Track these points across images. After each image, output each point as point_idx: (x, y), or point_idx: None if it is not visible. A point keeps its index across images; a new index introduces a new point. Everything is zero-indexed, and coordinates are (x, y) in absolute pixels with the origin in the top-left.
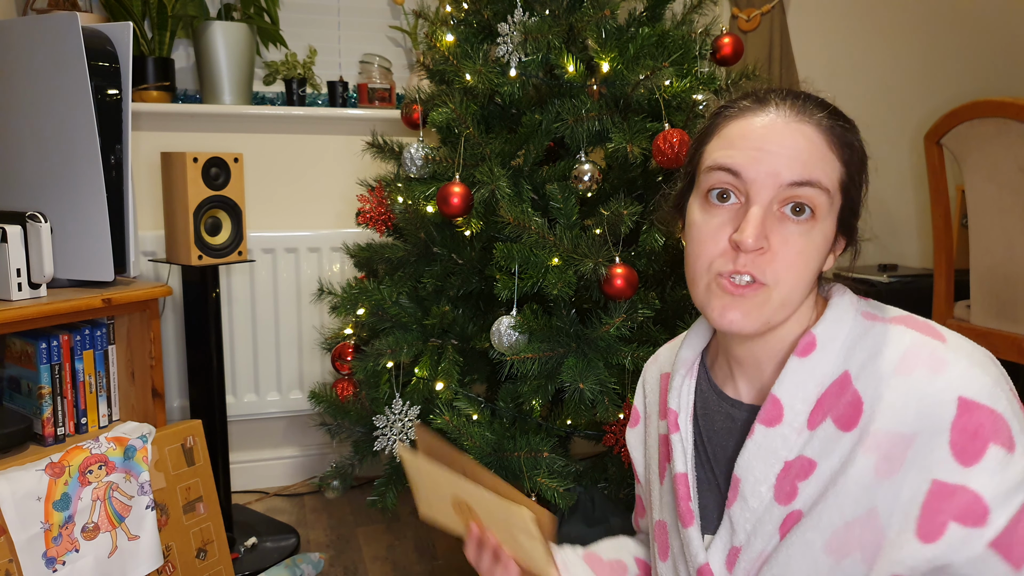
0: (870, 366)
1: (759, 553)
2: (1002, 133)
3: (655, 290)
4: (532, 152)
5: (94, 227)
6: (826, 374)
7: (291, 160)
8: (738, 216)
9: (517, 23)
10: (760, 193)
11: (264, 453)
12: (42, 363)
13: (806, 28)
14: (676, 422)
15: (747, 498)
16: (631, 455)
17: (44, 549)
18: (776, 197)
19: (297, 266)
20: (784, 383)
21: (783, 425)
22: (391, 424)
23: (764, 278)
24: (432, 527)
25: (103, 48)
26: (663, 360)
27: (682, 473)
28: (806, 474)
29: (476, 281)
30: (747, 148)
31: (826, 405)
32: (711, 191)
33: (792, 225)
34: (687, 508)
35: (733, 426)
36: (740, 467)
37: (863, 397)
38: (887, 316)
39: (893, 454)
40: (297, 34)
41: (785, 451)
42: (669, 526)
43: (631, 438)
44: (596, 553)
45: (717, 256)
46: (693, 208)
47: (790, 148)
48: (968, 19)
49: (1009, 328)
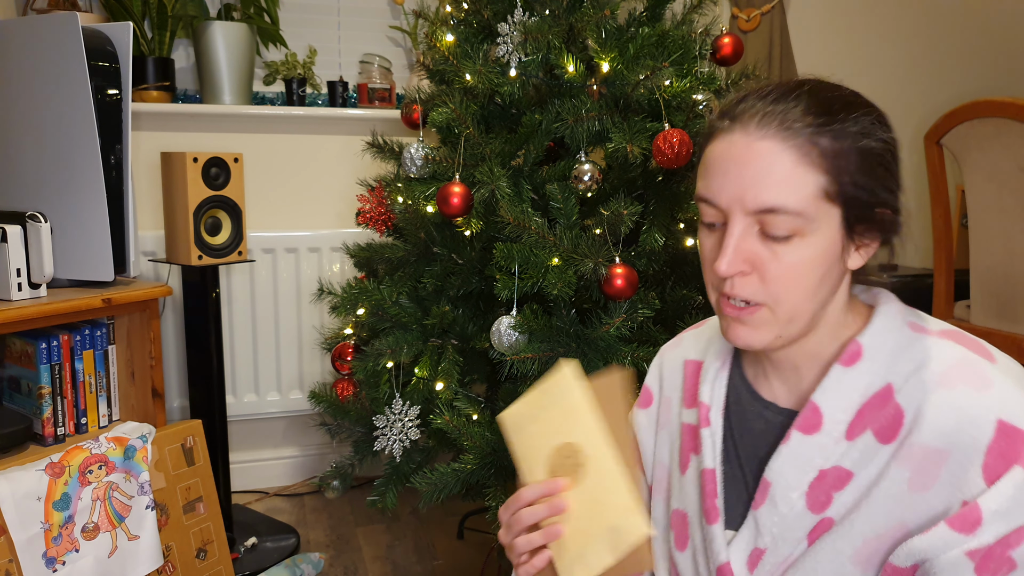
0: (914, 379)
1: (785, 558)
2: (1002, 133)
3: (655, 290)
4: (532, 152)
5: (94, 227)
6: (869, 384)
7: (291, 160)
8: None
9: (517, 23)
10: (734, 220)
11: (264, 453)
12: (42, 363)
13: (806, 28)
14: (708, 416)
15: (777, 503)
16: (637, 436)
17: (44, 549)
18: (750, 220)
19: (297, 266)
20: (826, 392)
21: (821, 434)
22: (391, 424)
23: (758, 299)
24: (432, 527)
25: (103, 48)
26: (688, 346)
27: (710, 469)
28: (842, 484)
29: (476, 281)
30: (715, 176)
31: (867, 416)
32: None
33: (775, 244)
34: (712, 505)
35: (767, 427)
36: (772, 471)
37: (904, 410)
38: (935, 329)
39: (927, 469)
40: (297, 34)
41: (821, 460)
42: (691, 518)
43: (640, 419)
44: None
45: (715, 278)
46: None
47: (750, 173)
48: (968, 19)
49: (1009, 328)
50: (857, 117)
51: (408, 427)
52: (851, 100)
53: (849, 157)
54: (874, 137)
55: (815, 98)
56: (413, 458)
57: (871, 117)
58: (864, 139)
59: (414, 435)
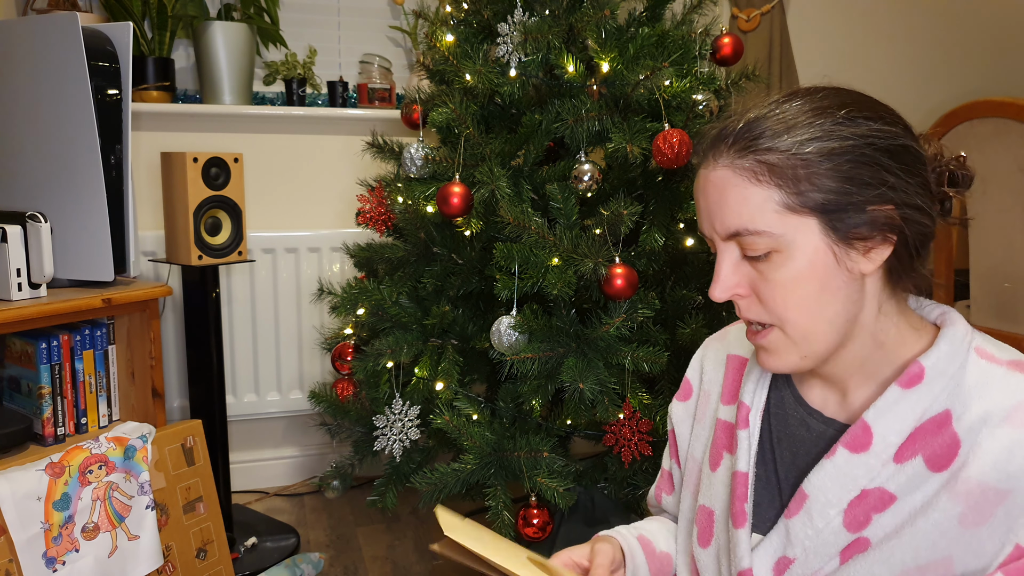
0: (977, 410)
1: (814, 571)
2: (1001, 133)
3: (655, 290)
4: (532, 152)
5: (94, 227)
6: (927, 409)
7: (291, 160)
8: None
9: (517, 23)
10: (718, 247)
11: (264, 453)
12: (42, 363)
13: (806, 28)
14: (747, 418)
15: (813, 516)
16: (675, 428)
17: (44, 549)
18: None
19: (297, 266)
20: (880, 411)
21: (869, 454)
22: (391, 424)
23: (764, 319)
24: (432, 527)
25: (103, 48)
26: (733, 340)
27: (743, 472)
28: (884, 507)
29: (476, 281)
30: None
31: (919, 441)
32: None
33: (760, 264)
34: (741, 509)
35: (809, 436)
36: (812, 484)
37: (962, 441)
38: (1005, 359)
39: (982, 507)
40: (297, 34)
41: (866, 480)
42: (717, 516)
43: (678, 411)
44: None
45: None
46: None
47: (712, 202)
48: (968, 19)
49: (1009, 328)
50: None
51: (408, 427)
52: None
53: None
54: (836, 137)
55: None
56: (413, 458)
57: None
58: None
59: (414, 435)
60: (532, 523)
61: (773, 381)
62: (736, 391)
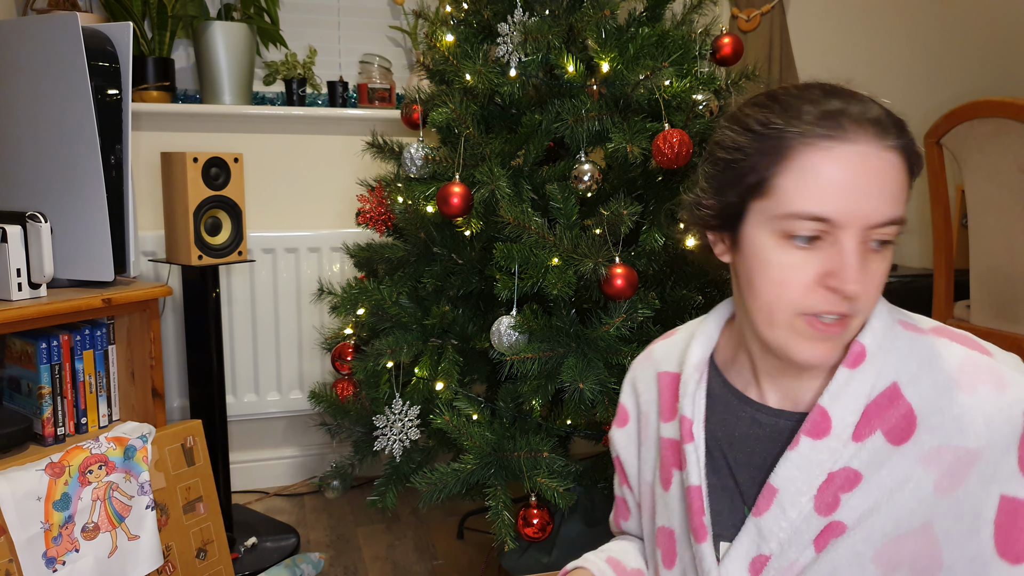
0: (924, 379)
1: (791, 563)
2: (1002, 133)
3: (655, 290)
4: (532, 152)
5: (94, 227)
6: (874, 385)
7: (291, 160)
8: (828, 256)
9: (517, 23)
10: (851, 236)
11: (264, 453)
12: (42, 363)
13: (806, 28)
14: (691, 431)
15: (786, 508)
16: (619, 455)
17: (44, 549)
18: (864, 236)
19: (297, 266)
20: (833, 395)
21: (831, 438)
22: (391, 424)
23: (854, 311)
24: (432, 527)
25: (103, 48)
26: (659, 358)
27: (696, 486)
28: (851, 486)
29: (476, 281)
30: (837, 193)
31: (874, 416)
32: (795, 236)
33: (874, 256)
34: (700, 523)
35: (760, 432)
36: (780, 478)
37: (916, 411)
38: (925, 327)
39: (956, 469)
40: (297, 34)
41: (830, 463)
42: (678, 535)
43: (619, 438)
44: (621, 561)
45: (803, 296)
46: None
47: (878, 188)
48: (968, 19)
49: (1009, 328)
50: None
51: (408, 427)
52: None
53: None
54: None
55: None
56: (413, 458)
57: None
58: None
59: (414, 435)
60: (532, 523)
61: (710, 389)
62: (673, 407)
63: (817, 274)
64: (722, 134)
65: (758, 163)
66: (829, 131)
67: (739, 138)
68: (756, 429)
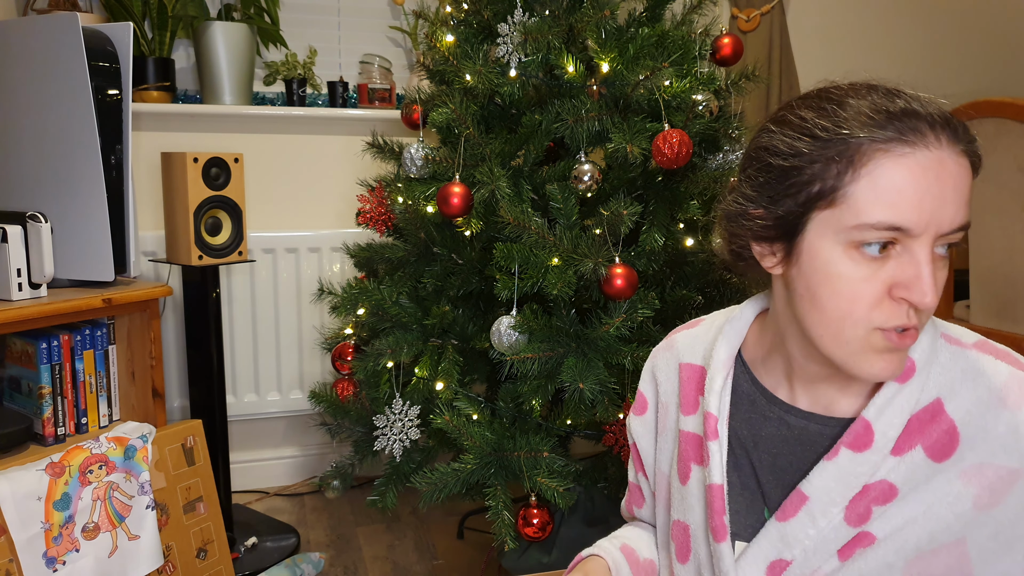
0: (967, 396)
1: (813, 571)
2: (1002, 133)
3: (655, 290)
4: (532, 152)
5: (94, 227)
6: (918, 400)
7: (291, 160)
8: (899, 266)
9: (517, 23)
10: (924, 243)
11: (264, 453)
12: (42, 363)
13: (806, 28)
14: (716, 428)
15: (816, 518)
16: (636, 442)
17: (44, 549)
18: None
19: (297, 266)
20: (879, 408)
21: (872, 451)
22: (391, 424)
23: (920, 323)
24: (432, 527)
25: (103, 48)
26: (682, 349)
27: (718, 484)
28: (886, 499)
29: (476, 281)
30: (913, 200)
31: (915, 431)
32: (866, 243)
33: (939, 261)
34: (721, 523)
35: (788, 433)
36: (813, 487)
37: (959, 428)
38: (968, 341)
39: (997, 488)
40: (297, 34)
41: (867, 476)
42: (693, 530)
43: (637, 426)
44: (635, 551)
45: (876, 311)
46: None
47: (953, 194)
48: (968, 18)
49: (1009, 328)
50: None
51: (408, 427)
52: None
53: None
54: None
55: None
56: (413, 458)
57: None
58: None
59: (414, 435)
60: (532, 523)
61: (737, 387)
62: (695, 401)
63: (887, 286)
64: (774, 139)
65: (824, 171)
66: (903, 135)
67: (797, 144)
68: (784, 430)
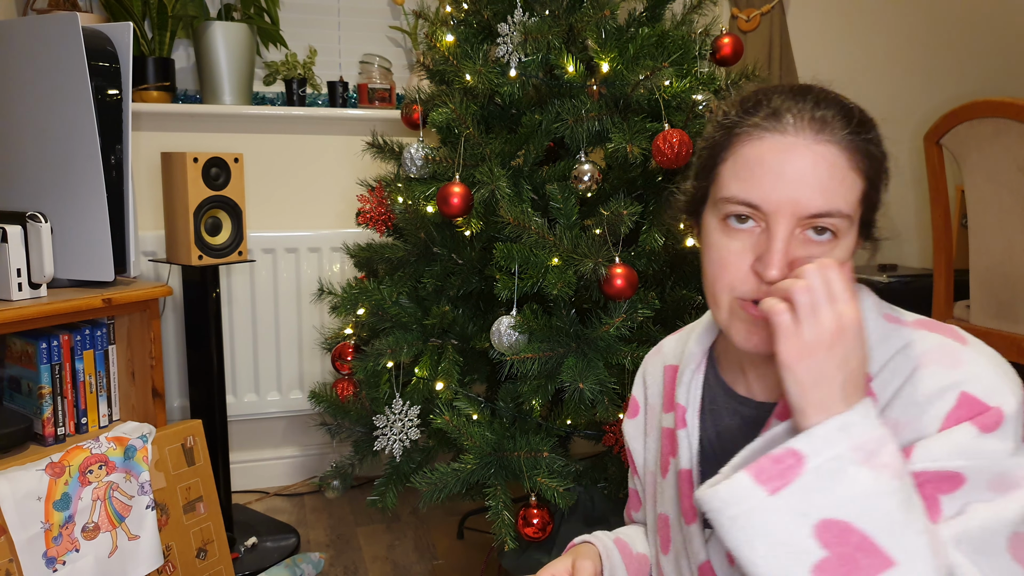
0: (890, 366)
1: None
2: (1001, 133)
3: (655, 290)
4: (532, 152)
5: (94, 227)
6: None
7: (291, 160)
8: (759, 242)
9: (517, 23)
10: (780, 223)
11: (264, 453)
12: (42, 363)
13: (806, 28)
14: (683, 418)
15: None
16: (629, 446)
17: (44, 549)
18: (797, 224)
19: (297, 266)
20: None
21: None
22: (391, 424)
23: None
24: (432, 527)
25: (103, 48)
26: (667, 352)
27: (687, 470)
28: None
29: (476, 281)
30: (764, 179)
31: None
32: (729, 216)
33: (815, 247)
34: (690, 505)
35: (744, 424)
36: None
37: (877, 395)
38: (910, 320)
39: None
40: (297, 34)
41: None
42: (672, 520)
43: (629, 429)
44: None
45: (739, 281)
46: (710, 226)
47: (810, 177)
48: (968, 19)
49: (1009, 328)
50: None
51: (408, 427)
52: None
53: (874, 164)
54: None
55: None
56: (413, 458)
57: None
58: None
59: (414, 435)
60: (532, 523)
61: (705, 381)
62: (673, 398)
63: (750, 260)
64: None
65: (714, 152)
66: (764, 122)
67: (710, 129)
68: (740, 421)
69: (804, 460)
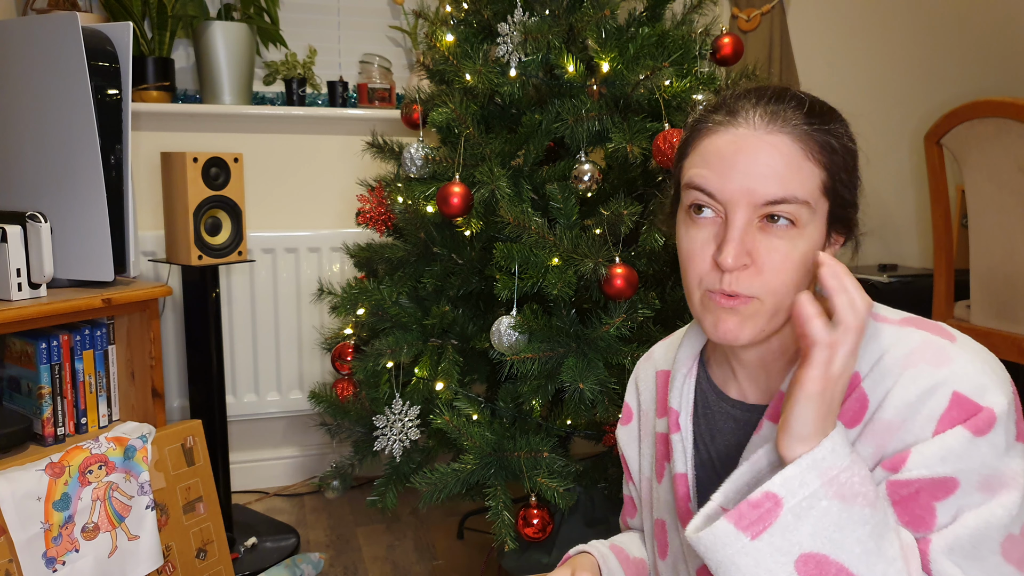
0: (879, 366)
1: None
2: (1002, 133)
3: (655, 290)
4: (532, 152)
5: (94, 227)
6: None
7: (291, 160)
8: (719, 232)
9: (517, 23)
10: (736, 212)
11: (264, 453)
12: (42, 363)
13: (806, 28)
14: (677, 422)
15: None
16: (623, 453)
17: (44, 549)
18: (754, 213)
19: (297, 266)
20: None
21: None
22: (391, 424)
23: (752, 292)
24: (432, 527)
25: (103, 48)
26: (658, 358)
27: (682, 473)
28: None
29: (476, 281)
30: (719, 168)
31: None
32: (691, 205)
33: (775, 237)
34: (686, 509)
35: (736, 427)
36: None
37: (869, 396)
38: (895, 318)
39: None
40: (297, 34)
41: None
42: (669, 525)
43: (623, 436)
44: (624, 549)
45: (705, 273)
46: (680, 221)
47: (762, 165)
48: (967, 19)
49: (1009, 328)
50: (840, 121)
51: (408, 427)
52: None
53: (836, 156)
54: (852, 141)
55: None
56: (413, 458)
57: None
58: (848, 141)
59: (414, 435)
60: (532, 523)
61: (697, 384)
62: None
63: (712, 251)
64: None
65: (681, 150)
66: (723, 119)
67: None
68: (732, 424)
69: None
